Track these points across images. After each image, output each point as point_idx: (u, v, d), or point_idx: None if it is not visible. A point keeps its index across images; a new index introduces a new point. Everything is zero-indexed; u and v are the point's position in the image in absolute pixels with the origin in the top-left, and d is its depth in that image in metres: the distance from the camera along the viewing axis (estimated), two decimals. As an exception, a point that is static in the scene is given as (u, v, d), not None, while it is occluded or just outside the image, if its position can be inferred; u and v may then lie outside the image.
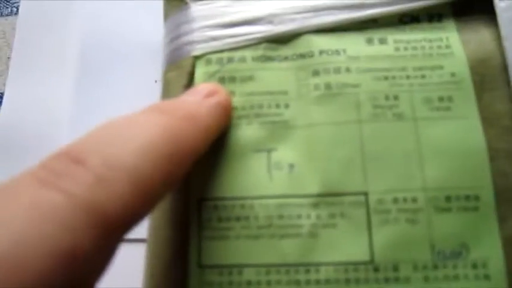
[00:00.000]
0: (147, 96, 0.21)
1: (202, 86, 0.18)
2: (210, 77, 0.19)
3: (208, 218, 0.17)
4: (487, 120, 0.18)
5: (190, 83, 0.19)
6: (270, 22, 0.19)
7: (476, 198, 0.17)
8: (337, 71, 0.19)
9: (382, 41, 0.19)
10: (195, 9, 0.20)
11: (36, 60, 0.30)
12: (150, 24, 0.28)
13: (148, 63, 0.27)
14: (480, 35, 0.19)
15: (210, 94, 0.17)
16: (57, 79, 0.29)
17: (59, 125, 0.27)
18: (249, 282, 0.17)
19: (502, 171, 0.17)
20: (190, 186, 0.18)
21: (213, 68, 0.19)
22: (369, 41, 0.19)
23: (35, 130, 0.28)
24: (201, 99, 0.17)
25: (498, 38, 0.19)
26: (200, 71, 0.19)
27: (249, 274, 0.17)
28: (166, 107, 0.16)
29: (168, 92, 0.20)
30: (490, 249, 0.16)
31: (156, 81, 0.26)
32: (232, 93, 0.19)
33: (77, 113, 0.27)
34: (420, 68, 0.18)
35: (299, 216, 0.17)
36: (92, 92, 0.28)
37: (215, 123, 0.17)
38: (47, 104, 0.28)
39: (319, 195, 0.17)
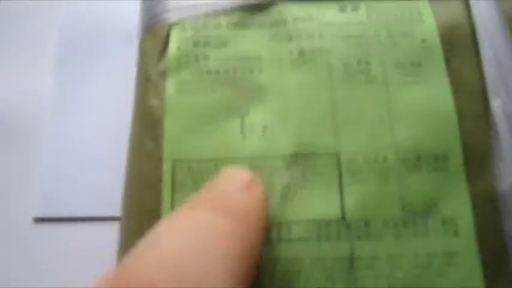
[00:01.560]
0: (129, 81, 0.21)
1: (238, 176, 0.15)
2: (184, 42, 0.19)
3: (181, 179, 0.17)
4: (456, 85, 0.18)
5: (164, 49, 0.19)
6: (245, -10, 0.20)
7: (446, 158, 0.17)
8: (311, 36, 0.19)
9: (355, 8, 0.19)
10: (171, -23, 0.20)
11: (16, 48, 0.29)
12: (131, 10, 0.28)
13: (129, 47, 0.27)
14: (450, 4, 0.19)
15: (249, 186, 0.15)
16: (37, 66, 0.29)
17: (40, 114, 0.27)
18: (221, 241, 0.17)
19: (470, 132, 0.17)
20: (163, 148, 0.18)
21: (188, 33, 0.19)
22: (342, 9, 0.19)
23: (16, 119, 0.27)
24: (244, 191, 0.15)
25: (468, 7, 0.19)
26: (175, 36, 0.19)
27: (221, 233, 0.17)
28: (218, 205, 0.14)
29: (142, 61, 0.20)
30: (459, 207, 0.17)
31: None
32: (206, 57, 0.19)
33: (58, 100, 0.27)
34: (392, 35, 0.19)
35: (272, 177, 0.17)
36: (72, 80, 0.28)
37: (265, 219, 0.15)
38: (27, 92, 0.28)
39: (291, 156, 0.17)
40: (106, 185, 0.24)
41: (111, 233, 0.20)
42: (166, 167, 0.18)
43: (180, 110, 0.18)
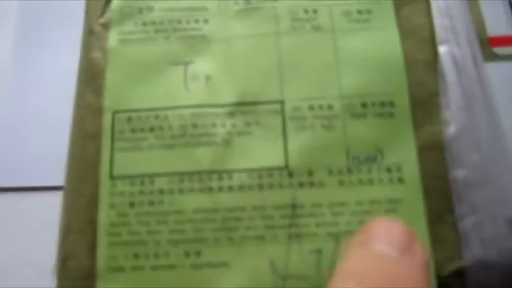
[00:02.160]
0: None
1: (397, 236, 0.13)
2: (128, -7, 0.19)
3: (121, 129, 0.17)
4: (406, 32, 0.18)
5: (108, 2, 0.19)
6: None
7: (392, 104, 0.17)
8: (258, -14, 0.18)
9: (303, -42, 0.19)
10: None
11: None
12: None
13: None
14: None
15: (408, 247, 0.13)
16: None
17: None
18: (161, 191, 0.16)
19: (419, 80, 0.17)
20: (104, 99, 0.17)
21: (132, -16, 0.19)
22: (290, -42, 0.19)
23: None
24: (403, 256, 0.13)
25: (419, -44, 0.19)
26: (118, -11, 0.19)
27: (161, 183, 0.16)
28: (382, 279, 0.12)
29: (87, 15, 0.19)
30: (405, 154, 0.16)
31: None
32: (150, 8, 0.18)
33: (16, 71, 0.26)
34: None
35: (214, 125, 0.17)
36: (31, 52, 0.27)
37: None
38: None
39: (234, 104, 0.17)
40: (57, 154, 0.24)
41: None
42: (106, 118, 0.17)
43: (122, 61, 0.18)
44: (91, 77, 0.18)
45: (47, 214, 0.22)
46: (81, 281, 0.16)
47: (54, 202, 0.23)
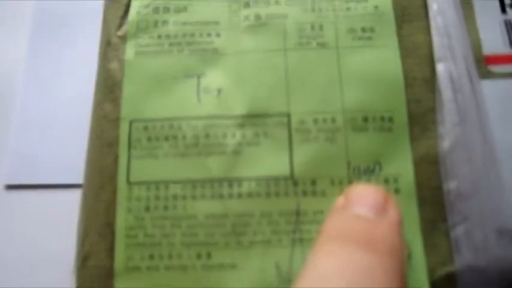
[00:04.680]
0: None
1: (370, 197, 0.14)
2: (144, 7, 0.20)
3: (137, 138, 0.18)
4: (406, 50, 0.19)
5: (125, 15, 0.20)
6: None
7: (391, 119, 0.18)
8: (267, 3, 0.19)
9: (311, -24, 0.20)
10: None
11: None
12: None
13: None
14: (403, -27, 0.20)
15: (382, 208, 0.14)
16: (12, 37, 0.29)
17: (13, 83, 0.27)
18: (175, 196, 0.17)
19: (417, 97, 0.18)
20: (121, 109, 0.18)
21: (148, 0, 0.20)
22: (298, -24, 0.20)
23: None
24: (380, 217, 0.14)
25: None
26: (135, 3, 0.20)
27: (175, 189, 0.17)
28: (359, 238, 0.13)
29: (105, 26, 0.20)
30: (402, 166, 0.17)
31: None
32: (165, 22, 0.19)
33: (31, 71, 0.27)
34: (346, 1, 0.19)
35: (224, 136, 0.18)
36: (46, 51, 0.28)
37: (403, 248, 0.14)
38: (0, 62, 0.28)
39: (244, 116, 0.18)
40: (75, 154, 0.25)
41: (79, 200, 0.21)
42: (123, 127, 0.18)
43: (138, 72, 0.19)
44: (109, 88, 0.19)
45: (61, 212, 0.24)
46: (100, 280, 0.17)
47: (70, 200, 0.25)
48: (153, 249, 0.17)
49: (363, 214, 0.14)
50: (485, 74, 0.19)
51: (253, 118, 0.18)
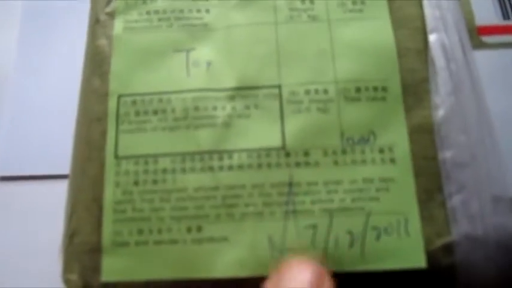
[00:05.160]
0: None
1: (303, 275, 0.14)
2: (133, -16, 0.19)
3: (125, 112, 0.18)
4: (398, 22, 0.18)
5: (114, -6, 0.20)
6: None
7: (384, 89, 0.18)
8: (257, -23, 0.19)
9: (300, -49, 0.20)
10: None
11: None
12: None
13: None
14: None
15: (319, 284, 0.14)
16: (1, 30, 0.29)
17: (5, 74, 0.27)
18: (164, 170, 0.17)
19: (410, 67, 0.18)
20: (109, 84, 0.18)
21: (136, -25, 0.20)
22: (288, -49, 0.20)
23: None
24: None
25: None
26: (124, -21, 0.20)
27: (164, 162, 0.17)
28: None
29: (93, 5, 0.20)
30: (396, 136, 0.17)
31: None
32: (154, -2, 0.19)
33: (21, 64, 0.27)
34: None
35: (214, 108, 0.17)
36: (35, 44, 0.28)
37: None
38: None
39: (234, 89, 0.18)
40: (68, 145, 0.25)
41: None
42: (111, 101, 0.18)
43: (126, 47, 0.19)
44: (97, 63, 0.19)
45: (55, 202, 0.23)
46: (87, 256, 0.16)
47: (58, 190, 0.24)
48: (142, 224, 0.16)
49: None
50: (478, 45, 0.18)
51: (243, 90, 0.18)
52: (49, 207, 0.23)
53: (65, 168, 0.24)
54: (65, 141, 0.25)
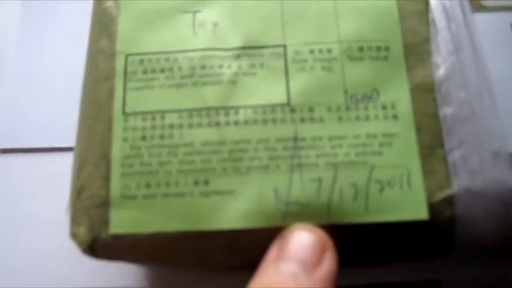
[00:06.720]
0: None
1: (303, 248, 0.15)
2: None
3: (133, 70, 0.18)
4: (399, -15, 0.19)
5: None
6: None
7: (387, 48, 0.18)
8: None
9: None
10: None
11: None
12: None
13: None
14: None
15: (316, 262, 0.14)
16: (3, 6, 0.29)
17: (5, 46, 0.27)
18: (171, 125, 0.17)
19: (412, 28, 0.18)
20: (116, 43, 0.18)
21: None
22: None
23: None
24: (309, 274, 0.14)
25: None
26: None
27: (171, 118, 0.17)
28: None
29: None
30: (399, 93, 0.17)
31: None
32: (159, -38, 0.19)
33: (23, 38, 0.27)
34: None
35: (220, 66, 0.18)
36: (37, 19, 0.28)
37: None
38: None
39: (240, 48, 0.18)
40: (69, 117, 0.25)
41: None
42: (118, 60, 0.18)
43: (133, 8, 0.19)
44: (104, 24, 0.19)
45: (57, 175, 0.23)
46: (96, 210, 0.17)
47: (59, 163, 0.24)
48: (149, 178, 0.17)
49: (292, 272, 0.14)
50: (478, 8, 0.19)
51: (248, 49, 0.18)
52: (49, 180, 0.24)
53: (65, 141, 0.24)
54: (65, 114, 0.25)
